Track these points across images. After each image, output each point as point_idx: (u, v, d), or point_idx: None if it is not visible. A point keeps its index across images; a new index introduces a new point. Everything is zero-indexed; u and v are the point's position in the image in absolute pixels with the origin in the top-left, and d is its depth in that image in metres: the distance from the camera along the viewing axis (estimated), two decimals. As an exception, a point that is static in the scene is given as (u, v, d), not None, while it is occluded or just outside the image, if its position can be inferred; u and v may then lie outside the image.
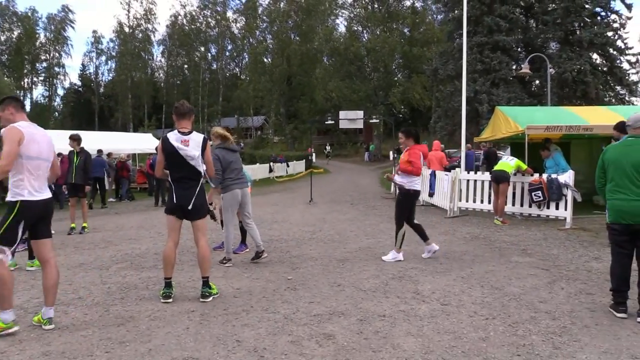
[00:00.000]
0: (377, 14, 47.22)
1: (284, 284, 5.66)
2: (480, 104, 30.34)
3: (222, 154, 6.56)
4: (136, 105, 61.37)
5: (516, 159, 10.70)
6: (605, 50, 31.69)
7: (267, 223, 10.90)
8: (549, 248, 7.67)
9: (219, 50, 61.48)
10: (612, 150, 4.74)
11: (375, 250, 7.58)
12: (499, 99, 29.70)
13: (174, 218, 5.02)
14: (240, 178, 6.69)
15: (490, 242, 8.28)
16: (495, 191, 10.44)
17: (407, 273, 6.12)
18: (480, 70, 31.09)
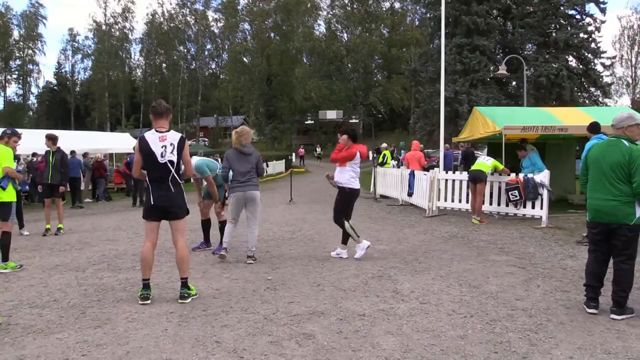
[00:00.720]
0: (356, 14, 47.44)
1: (264, 284, 5.64)
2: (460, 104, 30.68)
3: (230, 155, 6.79)
4: (113, 104, 60.45)
5: (493, 159, 10.84)
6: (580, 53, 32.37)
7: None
8: (526, 246, 7.79)
9: (198, 49, 60.95)
10: (595, 149, 4.80)
11: (355, 250, 7.60)
12: (477, 99, 30.11)
13: (151, 219, 4.97)
14: (246, 182, 6.71)
15: (468, 241, 8.38)
16: (473, 191, 10.57)
17: (387, 272, 6.15)
18: (459, 70, 31.45)
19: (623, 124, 4.66)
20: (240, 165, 6.74)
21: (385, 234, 9.16)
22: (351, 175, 6.97)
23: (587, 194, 4.80)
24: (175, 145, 4.93)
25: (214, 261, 6.92)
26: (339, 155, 6.96)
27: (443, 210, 11.92)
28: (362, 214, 12.38)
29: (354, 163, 6.99)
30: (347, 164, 6.95)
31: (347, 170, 6.96)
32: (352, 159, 6.93)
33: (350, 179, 6.95)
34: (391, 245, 8.05)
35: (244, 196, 6.77)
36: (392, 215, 12.05)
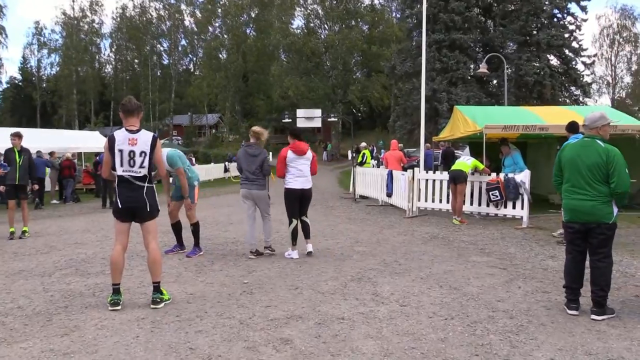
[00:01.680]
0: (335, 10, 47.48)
1: (240, 288, 5.60)
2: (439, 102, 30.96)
3: (240, 154, 7.40)
4: (82, 101, 59.40)
5: (473, 158, 10.97)
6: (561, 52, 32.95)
7: (223, 225, 10.78)
8: (506, 247, 7.90)
9: (171, 44, 60.33)
10: (569, 149, 4.85)
11: (334, 252, 7.62)
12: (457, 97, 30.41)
13: (122, 220, 4.90)
14: (253, 181, 7.30)
15: (449, 242, 8.46)
16: (453, 191, 10.67)
17: (366, 274, 6.17)
18: (438, 69, 31.75)
19: (597, 124, 4.74)
20: (248, 165, 7.31)
21: (365, 235, 9.19)
22: (291, 174, 7.30)
23: (562, 195, 4.86)
24: (146, 153, 4.86)
25: (188, 264, 6.85)
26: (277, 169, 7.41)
27: (423, 211, 12.02)
28: (340, 214, 12.41)
29: (294, 161, 7.29)
30: (288, 166, 7.31)
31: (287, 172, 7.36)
32: (283, 161, 7.30)
33: (288, 179, 7.32)
34: (370, 246, 8.08)
35: (250, 194, 7.35)
36: (372, 216, 12.11)
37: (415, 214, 11.73)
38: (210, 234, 9.53)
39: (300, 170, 7.30)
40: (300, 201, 7.40)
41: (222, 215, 12.42)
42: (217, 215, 12.38)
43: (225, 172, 31.03)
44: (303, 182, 7.33)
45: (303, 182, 7.33)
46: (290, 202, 7.37)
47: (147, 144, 4.88)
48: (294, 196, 7.33)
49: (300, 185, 7.31)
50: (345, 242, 8.48)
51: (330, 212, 12.98)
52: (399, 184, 12.55)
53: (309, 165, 7.40)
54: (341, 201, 15.94)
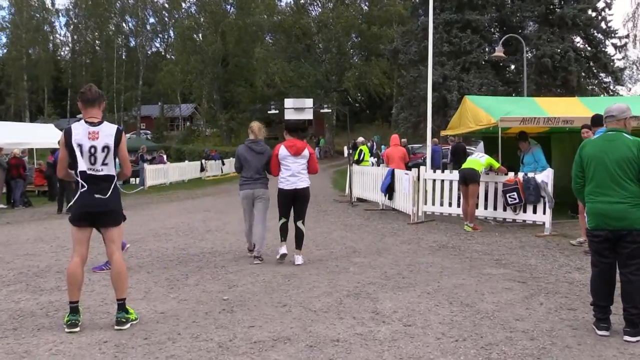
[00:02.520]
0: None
1: (219, 306, 5.59)
2: (449, 91, 30.99)
3: (241, 151, 7.87)
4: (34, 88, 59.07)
5: (487, 156, 11.00)
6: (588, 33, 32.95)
7: (199, 233, 10.76)
8: (526, 257, 7.94)
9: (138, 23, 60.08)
10: (591, 145, 4.85)
11: (327, 263, 7.62)
12: (469, 85, 30.44)
13: (81, 227, 4.87)
14: (256, 179, 7.81)
15: (459, 251, 8.49)
16: (465, 193, 10.70)
17: (365, 289, 6.18)
18: (447, 52, 31.75)
19: (625, 115, 4.76)
20: (252, 163, 7.79)
21: (363, 244, 9.20)
22: (283, 173, 7.69)
23: (586, 198, 4.84)
24: (110, 149, 4.83)
25: (158, 278, 6.83)
26: (271, 167, 7.83)
27: (430, 216, 12.05)
28: (335, 220, 12.42)
29: (287, 159, 7.66)
30: (281, 164, 7.70)
31: (280, 171, 7.77)
32: (275, 159, 7.70)
33: (280, 178, 7.73)
34: (370, 257, 8.09)
35: (252, 194, 7.81)
36: (371, 221, 12.12)
37: (421, 220, 11.76)
38: (183, 243, 9.52)
39: (292, 169, 7.63)
40: (294, 203, 7.73)
41: (197, 222, 12.40)
42: (192, 222, 12.35)
43: (201, 171, 30.97)
44: (296, 181, 7.64)
45: (296, 181, 7.64)
46: (282, 203, 7.75)
47: (111, 139, 4.86)
48: (286, 196, 7.69)
49: (292, 185, 7.63)
50: (341, 252, 8.49)
51: (323, 217, 12.99)
52: (402, 184, 12.58)
53: (305, 164, 7.71)
54: (336, 205, 15.95)
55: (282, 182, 7.69)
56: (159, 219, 13.01)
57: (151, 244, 9.40)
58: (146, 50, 61.70)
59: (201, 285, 6.51)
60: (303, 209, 7.84)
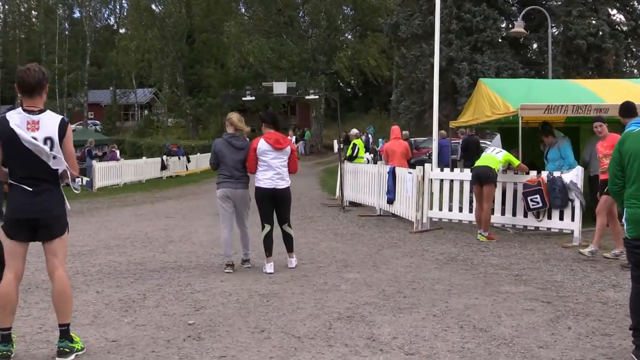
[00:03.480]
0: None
1: (183, 332, 5.57)
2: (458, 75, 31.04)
3: (219, 146, 8.20)
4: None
5: (505, 151, 11.03)
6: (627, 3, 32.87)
7: (159, 243, 10.72)
8: (551, 273, 7.98)
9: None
10: (634, 139, 4.88)
11: (313, 280, 7.62)
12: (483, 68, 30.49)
13: (16, 238, 4.83)
14: (238, 179, 8.18)
15: (472, 265, 8.53)
16: (478, 195, 10.72)
17: (359, 311, 6.18)
18: (457, 30, 31.78)
19: None
20: (231, 160, 8.14)
21: (357, 257, 9.21)
22: (262, 169, 8.13)
23: (625, 202, 4.88)
24: (54, 140, 4.78)
25: (110, 299, 6.79)
26: (248, 163, 8.24)
27: (437, 223, 12.08)
28: (323, 228, 12.41)
29: (266, 154, 8.08)
30: (259, 159, 8.12)
31: (258, 168, 8.19)
32: (253, 153, 8.09)
33: (257, 175, 8.17)
34: (365, 272, 8.09)
35: (233, 194, 8.18)
36: (366, 230, 12.13)
37: (426, 228, 11.78)
38: (140, 256, 9.47)
39: (273, 165, 8.10)
40: (275, 204, 8.23)
41: (158, 230, 12.34)
42: (150, 231, 12.29)
43: (162, 169, 30.84)
44: (276, 180, 8.10)
45: (276, 180, 8.10)
46: (261, 204, 8.21)
47: (54, 131, 4.80)
48: (264, 197, 8.15)
49: (271, 184, 8.09)
50: (330, 267, 8.49)
51: (309, 225, 12.98)
52: (404, 185, 12.59)
53: (285, 161, 8.15)
54: (324, 210, 15.94)
55: (260, 181, 8.09)
56: (111, 228, 12.94)
57: (101, 258, 9.34)
58: (94, 23, 61.30)
59: (162, 306, 6.48)
60: (286, 211, 8.34)
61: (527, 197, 10.49)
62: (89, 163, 24.54)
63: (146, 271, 8.31)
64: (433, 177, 11.96)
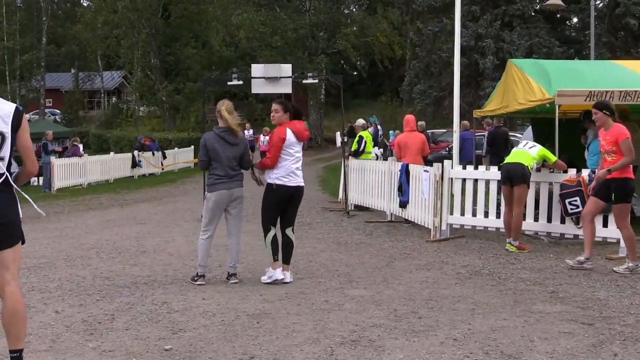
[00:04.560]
0: None
1: (159, 359, 5.58)
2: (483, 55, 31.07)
3: (211, 142, 8.30)
4: None
5: (539, 145, 11.02)
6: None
7: (130, 254, 10.72)
8: (593, 289, 7.99)
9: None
10: None
11: (312, 298, 7.62)
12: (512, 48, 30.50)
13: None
14: (233, 177, 8.34)
15: (499, 280, 8.54)
16: (508, 198, 10.71)
17: (365, 334, 6.18)
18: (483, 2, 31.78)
19: None
20: (225, 157, 8.27)
21: (363, 271, 9.23)
22: (283, 167, 8.29)
23: None
24: (5, 136, 4.79)
25: (72, 320, 6.79)
26: (269, 159, 8.39)
27: (458, 231, 12.08)
28: (324, 236, 12.41)
29: (292, 149, 8.34)
30: (283, 153, 8.27)
31: (283, 163, 8.29)
32: (279, 145, 8.25)
33: (279, 172, 8.28)
34: (373, 288, 8.10)
35: (229, 195, 8.33)
36: (375, 238, 12.13)
37: (446, 236, 11.78)
38: (108, 269, 9.47)
39: (297, 160, 8.41)
40: (289, 205, 8.48)
41: (128, 239, 12.34)
42: (120, 239, 12.29)
43: (133, 167, 30.81)
44: (300, 177, 8.46)
45: (300, 177, 8.46)
46: (276, 205, 8.42)
47: (6, 122, 4.81)
48: (284, 198, 8.38)
49: (296, 182, 8.39)
50: (332, 282, 8.50)
51: (308, 232, 12.97)
52: (420, 186, 12.59)
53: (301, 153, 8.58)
54: (325, 215, 15.94)
55: (283, 178, 8.27)
56: (73, 236, 12.94)
57: (61, 271, 9.34)
58: (54, -6, 61.34)
59: (133, 329, 6.47)
60: (295, 213, 8.60)
61: (565, 199, 10.48)
62: (46, 160, 24.38)
63: (114, 287, 8.31)
64: (454, 176, 11.95)
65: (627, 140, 8.70)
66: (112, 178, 28.62)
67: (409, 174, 13.19)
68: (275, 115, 8.53)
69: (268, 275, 8.33)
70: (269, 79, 15.76)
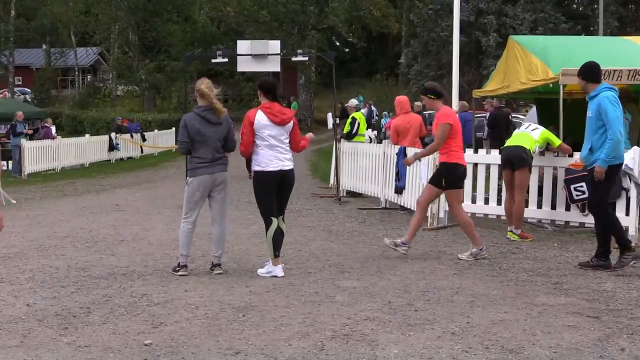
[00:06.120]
0: None
1: (138, 355, 5.58)
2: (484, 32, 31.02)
3: (192, 122, 8.30)
4: None
5: (542, 128, 11.03)
6: None
7: (107, 244, 10.73)
8: (600, 280, 8.02)
9: None
10: None
11: (301, 289, 7.63)
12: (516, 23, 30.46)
13: None
14: (215, 161, 8.35)
15: (500, 271, 8.58)
16: (509, 183, 10.72)
17: (358, 327, 6.19)
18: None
19: None
20: (207, 136, 8.27)
21: (356, 261, 9.25)
22: (260, 152, 8.32)
23: None
24: None
25: (45, 314, 6.77)
26: (242, 145, 8.44)
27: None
28: (314, 224, 12.43)
29: (265, 130, 8.25)
30: (258, 136, 8.29)
31: (258, 148, 8.34)
32: (250, 129, 8.25)
33: (260, 157, 8.32)
34: (366, 279, 8.12)
35: (212, 180, 8.33)
36: (368, 226, 12.16)
37: (444, 224, 11.82)
38: (83, 259, 9.45)
39: (275, 144, 8.28)
40: (279, 189, 8.40)
41: (105, 227, 12.32)
42: (96, 228, 12.27)
43: (110, 150, 30.72)
44: (282, 160, 8.33)
45: (282, 160, 8.33)
46: (265, 192, 8.37)
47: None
48: (270, 183, 8.34)
49: (277, 166, 8.28)
50: (322, 273, 8.52)
51: (297, 220, 12.97)
52: (417, 170, 12.59)
53: (287, 138, 8.44)
54: (315, 201, 15.94)
55: (262, 163, 8.26)
56: (45, 224, 12.91)
57: (33, 262, 9.33)
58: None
59: (111, 322, 6.47)
60: (285, 201, 8.53)
61: (570, 185, 10.50)
62: (16, 142, 24.23)
63: (90, 278, 8.30)
64: (452, 160, 11.96)
65: (443, 125, 9.09)
66: (88, 162, 28.57)
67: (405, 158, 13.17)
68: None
69: (267, 270, 8.30)
70: (255, 57, 15.72)
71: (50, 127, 28.26)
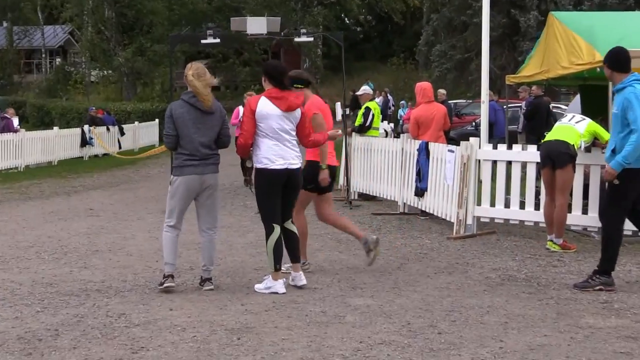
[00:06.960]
0: None
1: (114, 384, 5.58)
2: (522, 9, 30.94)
3: (178, 111, 8.20)
4: None
5: (589, 119, 11.00)
6: None
7: (79, 254, 10.76)
8: (656, 299, 7.99)
9: None
10: None
11: (306, 308, 7.62)
12: (558, 0, 30.39)
13: None
14: (206, 159, 8.22)
15: (539, 287, 8.56)
16: (549, 184, 10.71)
17: (372, 353, 6.19)
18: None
19: None
20: (197, 130, 8.17)
21: (369, 275, 9.24)
22: (263, 147, 8.21)
23: None
24: None
25: (7, 336, 6.78)
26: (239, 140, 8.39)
27: (488, 225, 12.10)
28: (321, 232, 12.42)
29: (269, 120, 8.17)
30: (259, 128, 8.21)
31: (261, 141, 8.26)
32: (252, 121, 8.19)
33: (262, 153, 8.23)
34: (381, 297, 8.11)
35: (200, 182, 8.20)
36: (384, 235, 12.13)
37: (472, 232, 11.79)
38: (51, 273, 9.47)
39: (281, 137, 8.21)
40: (284, 191, 8.31)
41: (76, 236, 12.35)
42: (66, 236, 12.29)
43: (83, 145, 30.75)
44: (289, 158, 8.23)
45: (289, 158, 8.23)
46: (269, 194, 8.32)
47: None
48: (274, 184, 8.28)
49: (283, 164, 8.18)
50: (331, 289, 8.52)
51: (300, 227, 12.98)
52: (442, 170, 12.57)
53: (294, 129, 8.36)
54: (321, 206, 15.95)
55: (267, 160, 8.16)
56: (6, 232, 12.95)
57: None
58: None
59: (82, 348, 6.46)
60: (294, 203, 8.46)
61: (621, 187, 10.48)
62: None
63: (59, 295, 8.31)
64: (482, 158, 11.92)
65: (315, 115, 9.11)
66: (57, 159, 28.61)
67: (428, 155, 13.11)
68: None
69: (265, 285, 8.26)
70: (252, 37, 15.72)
71: (12, 118, 28.16)
